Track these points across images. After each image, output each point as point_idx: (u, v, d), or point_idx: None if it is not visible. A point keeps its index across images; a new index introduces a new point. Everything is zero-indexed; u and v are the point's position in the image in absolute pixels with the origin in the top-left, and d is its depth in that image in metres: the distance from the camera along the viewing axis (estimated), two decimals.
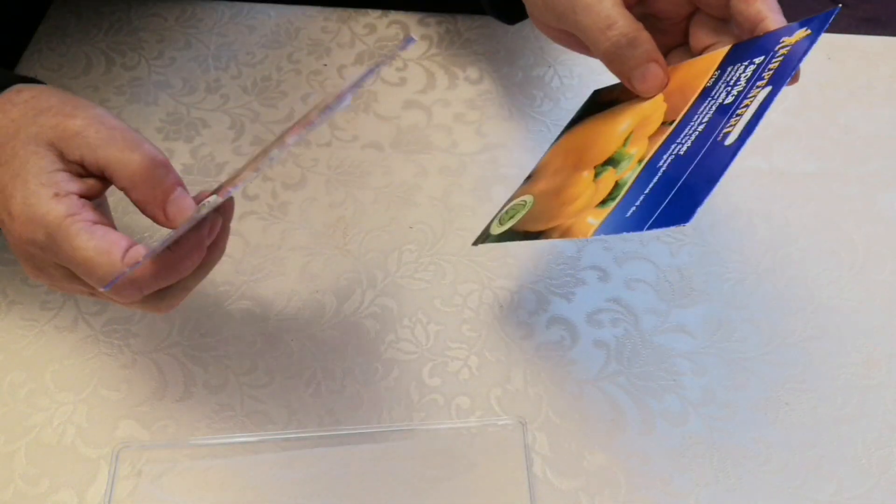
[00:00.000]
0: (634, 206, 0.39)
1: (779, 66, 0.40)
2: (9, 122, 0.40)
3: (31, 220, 0.38)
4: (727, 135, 0.39)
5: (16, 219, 0.38)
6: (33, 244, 0.38)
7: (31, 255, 0.39)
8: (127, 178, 0.39)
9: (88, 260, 0.37)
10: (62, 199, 0.38)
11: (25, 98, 0.41)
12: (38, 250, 0.38)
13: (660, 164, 0.40)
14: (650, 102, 0.45)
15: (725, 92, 0.42)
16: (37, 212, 0.37)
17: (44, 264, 0.39)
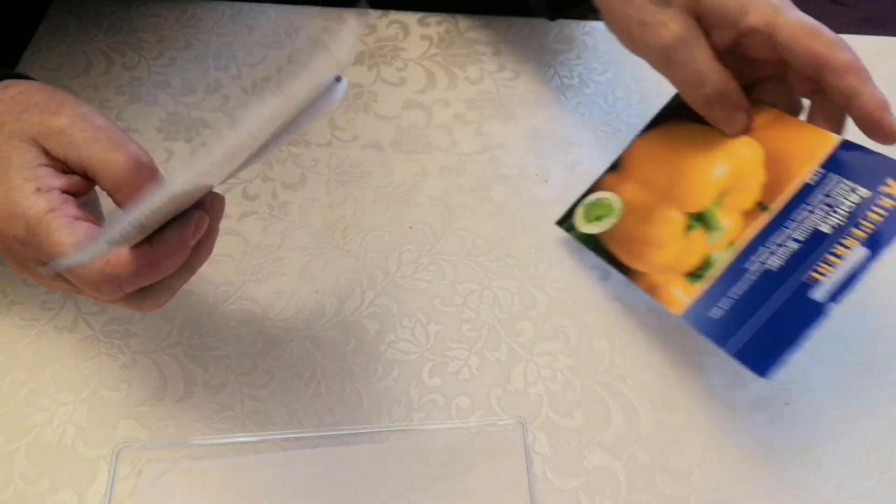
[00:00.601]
0: (721, 309, 0.43)
1: (880, 224, 0.41)
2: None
3: (12, 215, 0.37)
4: (817, 282, 0.41)
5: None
6: (15, 239, 0.38)
7: (14, 251, 0.39)
8: (111, 179, 0.38)
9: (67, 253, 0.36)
10: (44, 194, 0.37)
11: (12, 94, 0.40)
12: (20, 245, 0.38)
13: (750, 266, 0.43)
14: (747, 147, 0.47)
15: (823, 212, 0.43)
16: (18, 206, 0.37)
17: (26, 260, 0.39)
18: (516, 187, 0.57)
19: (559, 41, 0.65)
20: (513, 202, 0.56)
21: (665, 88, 0.62)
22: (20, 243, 0.38)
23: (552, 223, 0.55)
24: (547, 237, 0.54)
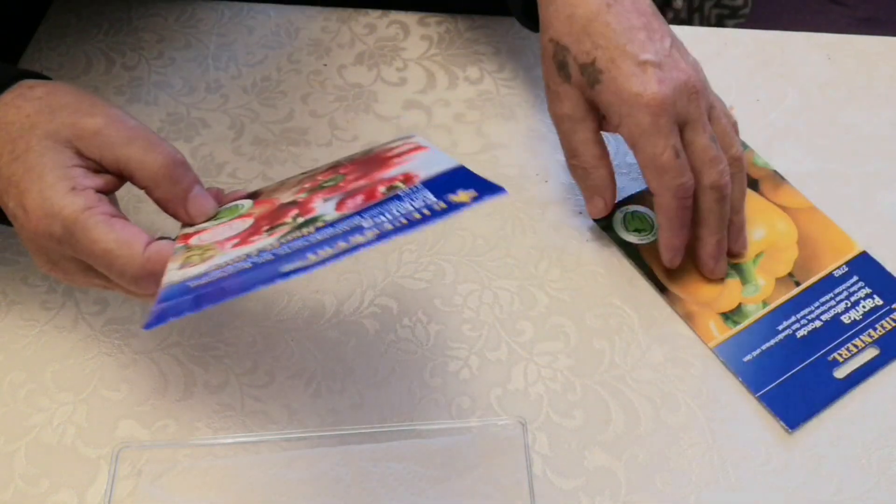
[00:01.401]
0: (752, 356, 0.49)
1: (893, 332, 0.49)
2: (23, 118, 0.40)
3: (48, 214, 0.38)
4: (838, 363, 0.48)
5: (31, 213, 0.38)
6: (49, 238, 0.38)
7: (46, 249, 0.39)
8: (149, 177, 0.40)
9: (108, 252, 0.38)
10: (80, 193, 0.38)
11: (39, 94, 0.41)
12: (55, 244, 0.39)
13: (781, 329, 0.50)
14: (784, 222, 0.54)
15: (844, 306, 0.51)
16: (54, 205, 0.38)
17: (58, 258, 0.40)
18: (516, 187, 0.57)
19: None
20: (513, 202, 0.56)
21: None
22: (56, 241, 0.38)
23: (553, 222, 0.55)
24: (547, 237, 0.54)
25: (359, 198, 0.40)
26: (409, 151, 0.43)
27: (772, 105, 0.61)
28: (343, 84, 0.62)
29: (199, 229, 0.43)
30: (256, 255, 0.37)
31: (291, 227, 0.39)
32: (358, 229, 0.36)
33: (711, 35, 0.65)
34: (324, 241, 0.36)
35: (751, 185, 0.56)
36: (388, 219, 0.37)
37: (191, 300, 0.35)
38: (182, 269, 0.38)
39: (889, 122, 0.60)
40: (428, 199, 0.37)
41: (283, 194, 0.45)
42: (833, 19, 1.50)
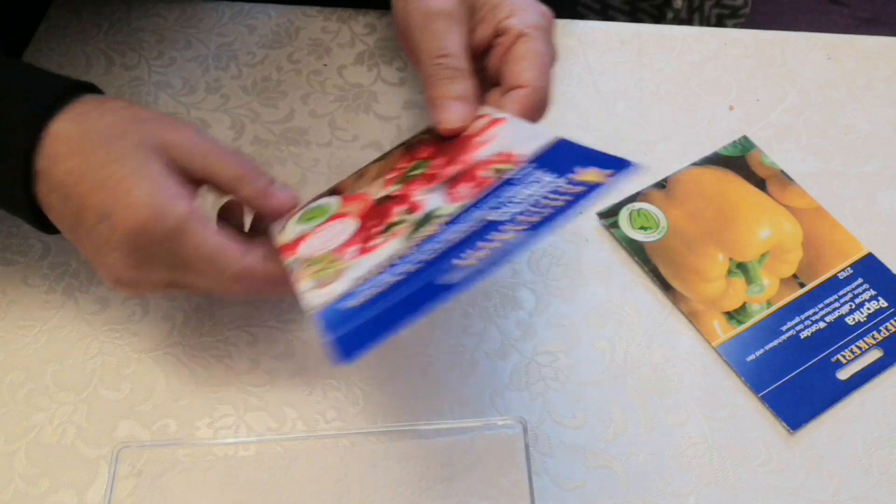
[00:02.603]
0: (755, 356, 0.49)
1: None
2: (109, 125, 0.42)
3: (159, 213, 0.40)
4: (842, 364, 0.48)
5: (136, 210, 0.40)
6: (151, 235, 0.40)
7: (136, 248, 0.40)
8: (233, 178, 0.43)
9: (212, 253, 0.41)
10: (185, 197, 0.41)
11: (115, 107, 0.43)
12: (153, 243, 0.40)
13: (784, 329, 0.50)
14: (789, 223, 0.54)
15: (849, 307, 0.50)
16: (166, 204, 0.40)
17: (148, 257, 0.41)
18: None
19: (559, 41, 0.65)
20: None
21: (665, 90, 0.62)
22: (157, 240, 0.40)
23: None
24: (546, 237, 0.54)
25: (465, 186, 0.39)
26: (487, 127, 0.43)
27: (772, 105, 0.61)
28: (343, 84, 0.62)
29: (297, 236, 0.44)
30: (398, 265, 0.37)
31: (410, 225, 0.39)
32: (491, 226, 0.36)
33: (711, 35, 0.65)
34: (462, 243, 0.36)
35: (757, 185, 0.56)
36: (519, 210, 0.36)
37: (367, 328, 0.35)
38: (318, 287, 0.39)
39: (889, 122, 0.60)
40: (549, 181, 0.36)
41: (367, 188, 0.45)
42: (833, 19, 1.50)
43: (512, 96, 0.44)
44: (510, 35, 0.46)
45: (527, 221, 0.35)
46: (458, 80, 0.45)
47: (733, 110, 0.61)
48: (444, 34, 0.45)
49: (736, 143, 0.58)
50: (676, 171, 0.57)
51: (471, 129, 0.44)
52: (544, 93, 0.45)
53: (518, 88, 0.44)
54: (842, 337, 0.49)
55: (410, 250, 0.37)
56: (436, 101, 0.45)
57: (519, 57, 0.45)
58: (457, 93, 0.45)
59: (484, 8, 0.47)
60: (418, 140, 0.47)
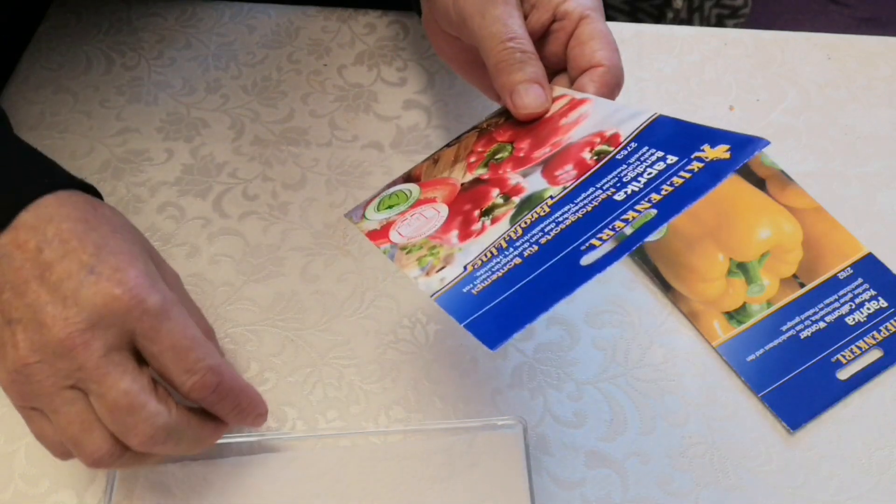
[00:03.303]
0: (755, 356, 0.49)
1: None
2: (114, 213, 0.42)
3: (150, 287, 0.38)
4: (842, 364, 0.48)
5: (130, 279, 0.38)
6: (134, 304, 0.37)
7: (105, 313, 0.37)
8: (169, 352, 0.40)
9: (196, 338, 0.39)
10: (173, 291, 0.40)
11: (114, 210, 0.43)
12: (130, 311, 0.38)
13: (784, 329, 0.50)
14: (789, 223, 0.54)
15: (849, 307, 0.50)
16: (158, 284, 0.39)
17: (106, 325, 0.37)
18: None
19: None
20: None
21: (665, 90, 0.62)
22: (138, 313, 0.38)
23: None
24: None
25: (565, 169, 0.38)
26: (570, 108, 0.42)
27: (772, 105, 0.61)
28: (343, 84, 0.62)
29: (382, 223, 0.43)
30: (508, 248, 0.36)
31: (513, 208, 0.38)
32: (618, 206, 0.34)
33: (711, 35, 0.65)
34: (582, 222, 0.35)
35: (757, 185, 0.56)
36: (638, 187, 0.35)
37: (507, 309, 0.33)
38: (428, 274, 0.38)
39: (889, 122, 0.60)
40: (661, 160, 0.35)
41: (448, 173, 0.44)
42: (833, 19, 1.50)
43: (590, 75, 0.43)
44: (571, 19, 0.45)
45: (656, 199, 0.34)
46: (530, 63, 0.44)
47: (733, 110, 0.61)
48: (507, 18, 0.44)
49: None
50: None
51: (551, 112, 0.43)
52: (619, 71, 0.44)
53: (594, 68, 0.43)
54: (842, 337, 0.49)
55: (521, 233, 0.36)
56: (512, 86, 0.44)
57: (587, 38, 0.44)
58: (532, 76, 0.44)
59: None
60: (492, 122, 0.46)
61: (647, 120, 0.38)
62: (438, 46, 0.50)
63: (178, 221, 0.55)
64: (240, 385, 0.41)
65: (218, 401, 0.40)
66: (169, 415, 0.38)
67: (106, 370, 0.37)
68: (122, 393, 0.37)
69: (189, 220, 0.55)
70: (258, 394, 0.43)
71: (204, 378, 0.39)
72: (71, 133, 0.59)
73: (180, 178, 0.57)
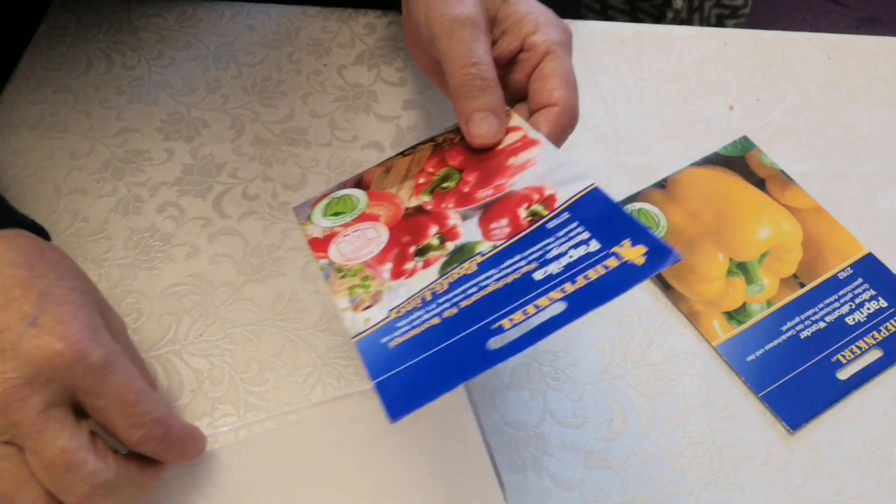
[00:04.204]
0: (755, 356, 0.49)
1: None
2: (70, 266, 0.41)
3: (95, 340, 0.37)
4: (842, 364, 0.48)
5: (72, 334, 0.37)
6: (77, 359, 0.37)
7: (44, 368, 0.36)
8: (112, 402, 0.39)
9: (143, 390, 0.38)
10: (117, 343, 0.39)
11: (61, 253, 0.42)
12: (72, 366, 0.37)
13: (785, 329, 0.50)
14: (789, 223, 0.54)
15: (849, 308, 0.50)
16: (101, 337, 0.38)
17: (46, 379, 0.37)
18: None
19: None
20: None
21: (665, 90, 0.62)
22: (80, 368, 0.37)
23: None
24: None
25: (500, 224, 0.40)
26: (522, 147, 0.43)
27: (772, 105, 0.61)
28: (343, 84, 0.62)
29: (325, 231, 0.44)
30: (432, 302, 0.38)
31: (445, 255, 0.40)
32: (532, 284, 0.36)
33: (711, 35, 0.65)
34: (499, 294, 0.36)
35: (758, 185, 0.56)
36: (559, 271, 0.36)
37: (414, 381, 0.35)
38: (356, 310, 0.39)
39: (889, 122, 0.60)
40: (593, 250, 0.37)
41: (397, 189, 0.45)
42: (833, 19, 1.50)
43: (545, 114, 0.44)
44: (537, 52, 0.45)
45: (569, 290, 0.35)
46: (489, 92, 0.44)
47: (733, 110, 0.61)
48: (472, 42, 0.44)
49: (736, 143, 0.58)
50: (676, 171, 0.57)
51: (504, 143, 0.44)
52: (574, 110, 0.45)
53: (550, 107, 0.44)
54: (842, 337, 0.49)
55: (447, 287, 0.38)
56: (469, 113, 0.44)
57: (548, 75, 0.44)
58: (489, 105, 0.44)
59: (507, 21, 0.46)
60: (448, 139, 0.47)
61: (583, 190, 0.40)
62: (415, 54, 0.50)
63: (178, 221, 0.55)
64: (186, 431, 0.41)
65: (164, 450, 0.40)
66: (107, 471, 0.37)
67: (43, 427, 0.36)
68: (59, 451, 0.36)
69: (189, 220, 0.55)
70: (200, 432, 0.43)
71: (151, 431, 0.38)
72: (71, 133, 0.59)
73: (180, 178, 0.57)
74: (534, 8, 0.47)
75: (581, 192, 0.40)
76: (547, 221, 0.39)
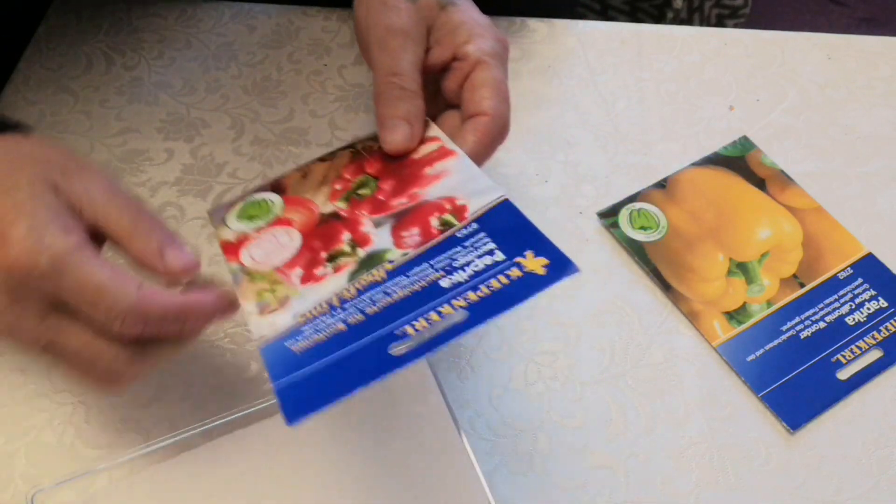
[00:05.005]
0: (755, 356, 0.49)
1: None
2: (10, 160, 0.40)
3: (36, 247, 0.37)
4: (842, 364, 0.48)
5: (14, 244, 0.37)
6: (27, 272, 0.36)
7: (10, 287, 0.37)
8: (125, 231, 0.40)
9: (101, 285, 0.37)
10: (72, 233, 0.38)
11: (26, 145, 0.41)
12: (29, 279, 0.37)
13: (786, 329, 0.50)
14: (789, 223, 0.54)
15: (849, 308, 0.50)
16: (45, 239, 0.37)
17: (24, 294, 0.37)
18: (516, 187, 0.57)
19: (559, 41, 0.65)
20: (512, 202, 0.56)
21: (665, 90, 0.62)
22: (33, 276, 0.37)
23: (553, 222, 0.55)
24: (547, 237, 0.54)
25: (412, 232, 0.40)
26: (438, 157, 0.44)
27: (772, 105, 0.61)
28: (343, 84, 0.62)
29: (238, 235, 0.44)
30: (339, 308, 0.38)
31: (355, 262, 0.40)
32: (438, 291, 0.37)
33: (711, 35, 0.65)
34: (406, 301, 0.37)
35: (757, 185, 0.56)
36: (464, 280, 0.37)
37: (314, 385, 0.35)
38: (263, 314, 0.39)
39: (889, 122, 0.60)
40: (497, 260, 0.37)
41: (312, 194, 0.45)
42: (833, 19, 1.50)
43: (474, 123, 0.45)
44: (468, 62, 0.46)
45: (472, 299, 0.36)
46: (406, 100, 0.45)
47: (733, 110, 0.61)
48: (399, 53, 0.46)
49: (736, 143, 0.58)
50: (676, 171, 0.57)
51: (421, 153, 0.45)
52: (504, 120, 0.45)
53: (479, 116, 0.45)
54: (842, 337, 0.49)
55: (354, 293, 0.38)
56: (384, 119, 0.46)
57: (479, 85, 0.45)
58: (404, 113, 0.45)
59: (442, 29, 0.47)
60: (366, 146, 0.48)
61: (494, 201, 0.40)
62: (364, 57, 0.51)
63: (178, 221, 0.55)
64: (176, 304, 0.38)
65: (158, 330, 0.38)
66: (130, 348, 0.38)
67: (51, 336, 0.37)
68: (76, 352, 0.38)
69: (189, 220, 0.55)
70: (209, 296, 0.40)
71: (126, 321, 0.37)
72: (71, 133, 0.59)
73: (180, 178, 0.57)
74: (469, 18, 0.47)
75: (491, 202, 0.40)
76: (457, 231, 0.40)
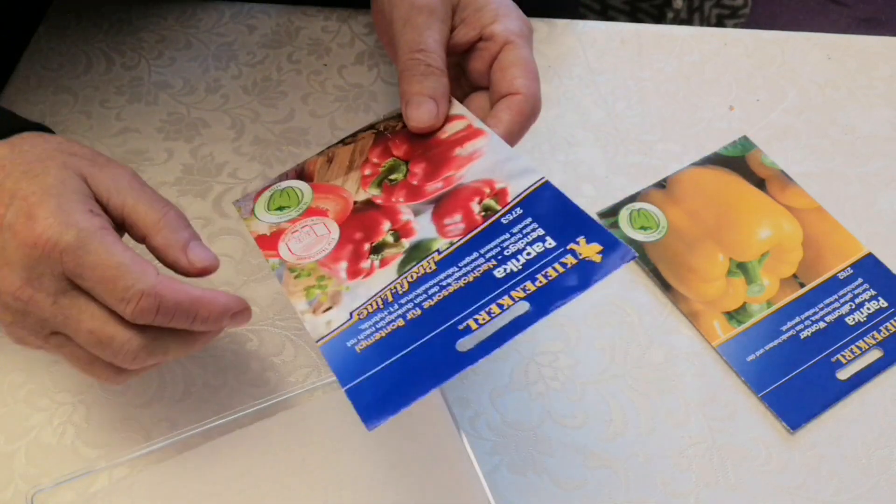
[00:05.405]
0: (755, 356, 0.49)
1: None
2: (41, 150, 0.41)
3: (64, 223, 0.37)
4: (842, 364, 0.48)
5: (40, 220, 0.37)
6: (52, 247, 0.37)
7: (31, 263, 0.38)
8: (151, 223, 0.41)
9: (122, 264, 0.37)
10: (97, 217, 0.39)
11: (55, 140, 0.42)
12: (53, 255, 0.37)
13: (786, 329, 0.50)
14: (789, 223, 0.54)
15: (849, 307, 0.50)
16: (72, 217, 0.38)
17: (41, 272, 0.38)
18: None
19: (559, 41, 0.65)
20: None
21: (665, 90, 0.62)
22: (59, 251, 0.37)
23: None
24: None
25: (454, 219, 0.40)
26: (467, 137, 0.43)
27: (772, 105, 0.61)
28: (343, 84, 0.62)
29: (272, 228, 0.43)
30: (394, 303, 0.37)
31: (401, 253, 0.39)
32: (494, 282, 0.36)
33: (711, 35, 0.65)
34: (462, 293, 0.36)
35: (758, 185, 0.56)
36: (519, 269, 0.36)
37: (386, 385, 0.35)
38: (316, 313, 0.38)
39: (889, 122, 0.60)
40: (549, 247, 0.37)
41: (342, 181, 0.44)
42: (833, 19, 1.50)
43: (507, 102, 0.44)
44: (496, 41, 0.46)
45: (531, 290, 0.35)
46: (431, 77, 0.44)
47: (733, 110, 0.61)
48: (424, 29, 0.45)
49: (736, 143, 0.58)
50: (676, 171, 0.57)
51: (448, 132, 0.44)
52: (536, 99, 0.45)
53: (511, 96, 0.44)
54: (842, 337, 0.49)
55: (407, 287, 0.38)
56: (409, 96, 0.45)
57: (509, 64, 0.45)
58: (430, 90, 0.44)
59: (468, 9, 0.47)
60: (389, 126, 0.47)
61: (534, 184, 0.40)
62: (383, 41, 0.50)
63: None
64: (190, 297, 0.38)
65: (169, 320, 0.38)
66: (141, 334, 0.38)
67: (64, 316, 0.38)
68: (87, 333, 0.38)
69: (189, 220, 0.55)
70: (223, 296, 0.40)
71: (140, 304, 0.37)
72: (71, 133, 0.59)
73: (180, 178, 0.57)
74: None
75: (532, 186, 0.39)
76: (501, 217, 0.39)
